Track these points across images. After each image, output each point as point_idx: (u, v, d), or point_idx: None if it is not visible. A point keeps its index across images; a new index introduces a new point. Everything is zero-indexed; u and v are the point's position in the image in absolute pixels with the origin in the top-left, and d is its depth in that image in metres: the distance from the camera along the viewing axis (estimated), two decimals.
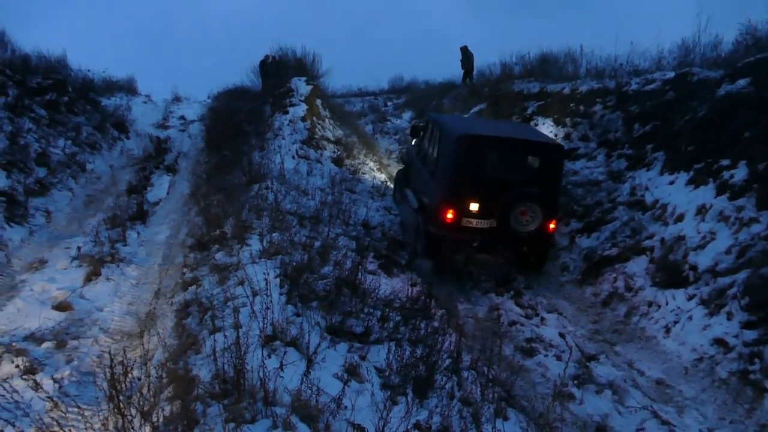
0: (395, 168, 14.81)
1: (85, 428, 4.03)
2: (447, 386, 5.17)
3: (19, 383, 4.96)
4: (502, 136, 8.41)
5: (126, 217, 9.90)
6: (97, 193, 11.50)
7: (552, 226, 8.21)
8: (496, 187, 7.89)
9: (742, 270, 6.47)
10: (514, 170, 8.39)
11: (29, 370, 5.17)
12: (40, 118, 12.51)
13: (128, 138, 15.51)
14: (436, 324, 6.38)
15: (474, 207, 8.01)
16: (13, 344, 5.61)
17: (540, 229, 8.03)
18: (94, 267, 7.69)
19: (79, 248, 8.13)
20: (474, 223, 8.08)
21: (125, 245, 8.74)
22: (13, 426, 3.85)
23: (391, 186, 12.66)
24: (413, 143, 10.87)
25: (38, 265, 7.75)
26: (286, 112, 14.04)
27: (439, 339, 5.92)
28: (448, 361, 5.63)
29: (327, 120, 15.43)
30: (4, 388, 4.45)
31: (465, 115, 15.95)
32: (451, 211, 8.00)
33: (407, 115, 20.12)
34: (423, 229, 8.61)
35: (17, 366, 5.20)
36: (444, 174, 8.25)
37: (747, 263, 6.49)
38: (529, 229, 8.00)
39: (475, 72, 19.88)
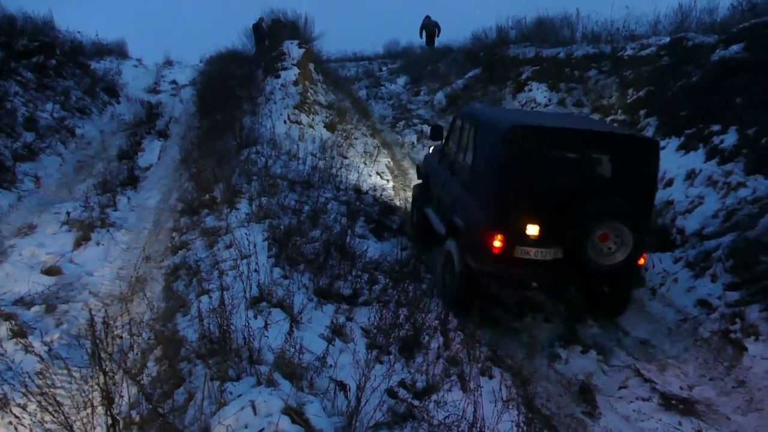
0: (389, 134, 14.73)
1: (73, 389, 4.09)
2: (433, 346, 5.24)
3: (8, 346, 5.01)
4: (572, 128, 6.02)
5: (116, 182, 9.87)
6: (87, 158, 11.43)
7: (643, 258, 5.90)
8: (564, 200, 5.45)
9: (728, 233, 6.51)
10: (589, 176, 5.89)
11: (19, 334, 5.22)
12: (27, 82, 12.35)
13: (119, 103, 15.35)
14: (424, 287, 6.44)
15: (532, 230, 5.50)
16: (2, 308, 5.64)
17: (628, 260, 5.50)
18: (84, 232, 7.70)
19: (68, 213, 8.11)
20: (532, 253, 5.56)
21: (115, 210, 8.74)
22: (2, 386, 3.91)
23: (385, 151, 12.61)
24: (431, 150, 8.57)
25: (27, 230, 7.75)
26: (278, 76, 13.87)
27: (428, 301, 5.99)
28: (436, 323, 5.70)
29: (320, 84, 15.27)
30: None
31: (508, 107, 13.09)
32: (499, 237, 5.48)
33: (402, 80, 19.92)
34: (457, 265, 6.16)
35: (7, 329, 5.24)
36: (487, 184, 5.79)
37: (733, 227, 6.53)
38: (613, 261, 5.48)
39: (437, 39, 21.69)
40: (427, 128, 13.72)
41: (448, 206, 6.74)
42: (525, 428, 3.78)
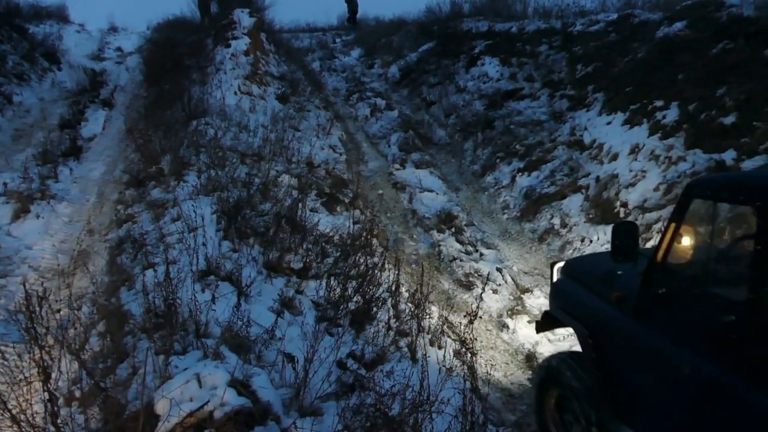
0: (342, 107, 14.54)
1: (8, 365, 3.96)
2: (383, 318, 5.29)
3: None
4: None
5: (58, 152, 9.48)
6: (26, 127, 10.90)
7: None
8: None
9: (668, 206, 6.76)
10: None
11: None
12: None
13: (60, 69, 14.64)
14: (376, 260, 6.46)
15: None
16: None
17: None
18: (23, 204, 7.38)
19: (5, 184, 7.75)
20: None
21: (57, 182, 8.40)
22: None
23: (338, 125, 12.40)
24: (565, 270, 4.55)
25: None
26: (228, 46, 13.47)
27: (379, 274, 6.02)
28: (386, 295, 5.74)
29: (272, 55, 14.91)
30: None
31: None
32: None
33: (356, 52, 19.66)
34: None
35: None
36: None
37: (673, 199, 6.78)
38: None
39: (359, 15, 22.73)
40: (381, 101, 13.66)
41: None
42: (470, 395, 3.87)
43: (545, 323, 4.61)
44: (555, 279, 4.59)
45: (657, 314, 3.21)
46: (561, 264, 4.65)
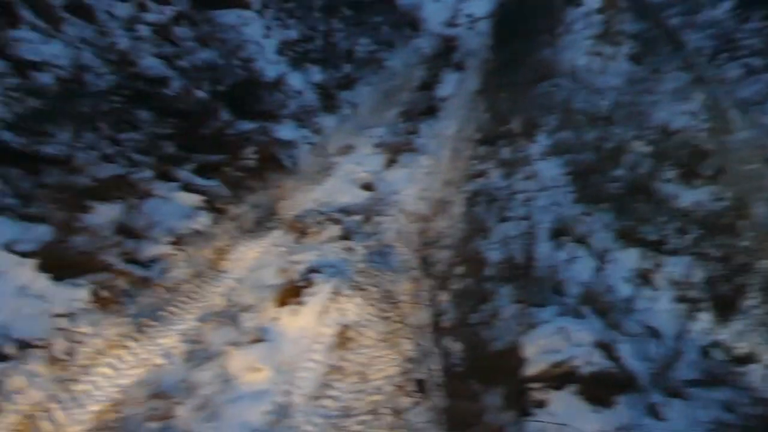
0: (706, 69, 12.77)
1: (385, 289, 4.60)
2: (755, 312, 4.57)
3: (335, 246, 5.84)
4: None
5: (418, 111, 10.55)
6: (393, 88, 12.38)
7: None
8: None
9: None
10: None
11: (344, 237, 6.03)
12: (347, 18, 13.75)
13: (419, 36, 16.19)
14: (747, 244, 5.59)
15: None
16: (331, 213, 6.58)
17: None
18: (392, 155, 8.44)
19: (379, 137, 8.97)
20: None
21: (418, 137, 9.36)
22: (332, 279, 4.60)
23: (699, 89, 10.97)
24: None
25: (347, 150, 8.81)
26: (580, 5, 13.04)
27: (750, 260, 5.21)
28: (759, 284, 4.95)
29: (625, 12, 13.93)
30: (324, 249, 5.30)
31: None
32: None
33: (727, 3, 17.02)
34: None
35: (334, 232, 6.11)
36: None
37: None
38: None
39: None
40: (757, 61, 11.59)
41: None
42: None
43: None
44: None
45: None
46: None
